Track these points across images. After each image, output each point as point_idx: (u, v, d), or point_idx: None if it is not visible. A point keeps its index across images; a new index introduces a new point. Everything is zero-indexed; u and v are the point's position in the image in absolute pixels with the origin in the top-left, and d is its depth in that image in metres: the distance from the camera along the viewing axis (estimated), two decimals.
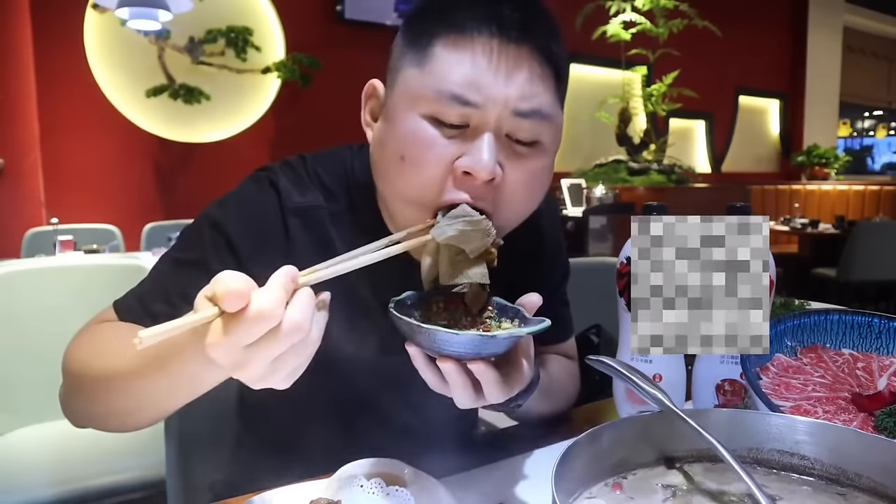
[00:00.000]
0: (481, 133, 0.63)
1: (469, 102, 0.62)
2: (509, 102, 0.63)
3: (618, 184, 5.35)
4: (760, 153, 8.57)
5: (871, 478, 0.54)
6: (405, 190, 0.67)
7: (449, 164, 0.64)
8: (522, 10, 0.64)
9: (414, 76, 0.65)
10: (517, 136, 0.65)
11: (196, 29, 4.27)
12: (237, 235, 0.74)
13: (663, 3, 5.47)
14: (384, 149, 0.69)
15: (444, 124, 0.63)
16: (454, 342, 0.56)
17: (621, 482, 0.56)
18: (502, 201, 0.66)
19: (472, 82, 0.62)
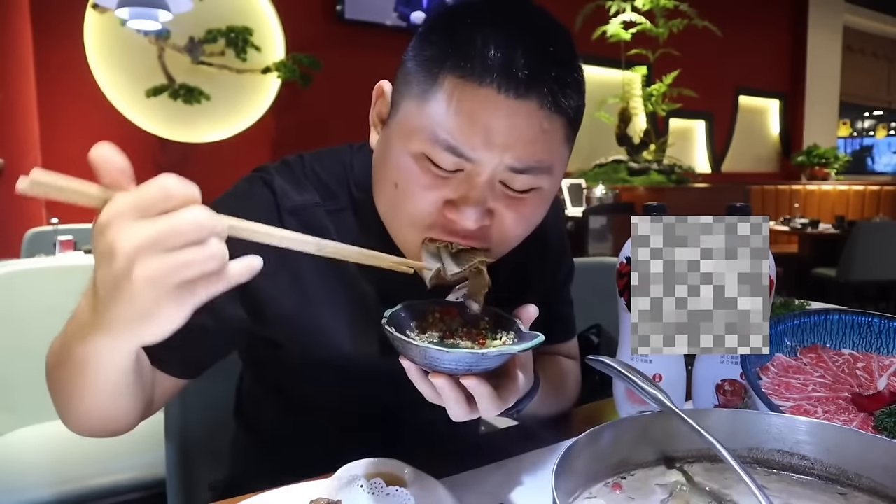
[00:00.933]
0: (472, 184, 0.62)
1: (462, 156, 0.61)
2: (504, 159, 0.61)
3: (618, 184, 5.35)
4: (760, 153, 8.57)
5: (871, 478, 0.54)
6: (397, 216, 0.67)
7: (439, 204, 0.63)
8: (535, 60, 0.60)
9: (413, 111, 0.63)
10: (512, 185, 0.64)
11: (196, 29, 4.27)
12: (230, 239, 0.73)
13: (663, 3, 5.47)
14: (381, 171, 0.68)
15: (437, 165, 0.62)
16: (445, 359, 0.56)
17: (621, 482, 0.56)
18: (494, 238, 0.66)
19: (468, 138, 0.60)
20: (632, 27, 5.48)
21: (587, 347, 1.60)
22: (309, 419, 0.87)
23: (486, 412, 0.59)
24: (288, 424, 0.90)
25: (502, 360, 0.59)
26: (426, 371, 0.58)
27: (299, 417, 0.88)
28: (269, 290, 0.73)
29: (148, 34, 4.01)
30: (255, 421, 0.95)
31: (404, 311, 0.64)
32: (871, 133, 11.67)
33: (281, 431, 0.90)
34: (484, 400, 0.58)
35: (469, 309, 0.67)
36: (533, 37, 0.61)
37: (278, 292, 0.74)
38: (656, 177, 5.48)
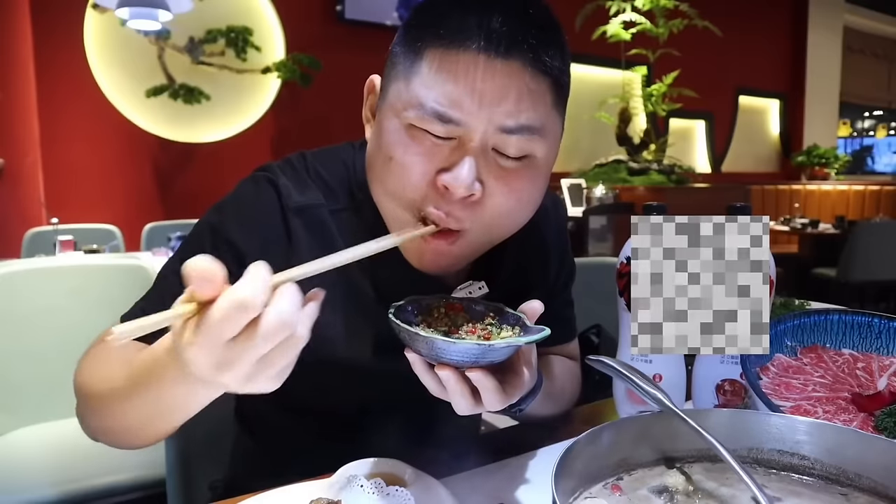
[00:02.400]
0: (465, 148, 0.63)
1: (451, 120, 0.61)
2: (494, 120, 0.61)
3: (618, 184, 5.35)
4: (760, 153, 8.57)
5: (871, 478, 0.54)
6: (393, 190, 0.67)
7: (433, 173, 0.64)
8: (514, 21, 0.61)
9: (401, 88, 0.64)
10: (505, 151, 0.64)
11: (196, 29, 4.27)
12: (238, 239, 0.73)
13: (663, 3, 5.47)
14: (376, 148, 0.69)
15: (430, 133, 0.63)
16: (452, 350, 0.56)
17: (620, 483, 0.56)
18: (485, 217, 0.66)
19: (455, 101, 0.61)
20: (632, 27, 5.48)
21: (587, 347, 1.60)
22: (309, 419, 0.87)
23: (491, 406, 0.59)
24: (288, 424, 0.90)
25: (509, 352, 0.59)
26: (431, 365, 0.58)
27: (299, 417, 0.88)
28: None
29: (148, 34, 4.01)
30: (255, 421, 0.95)
31: (410, 306, 0.64)
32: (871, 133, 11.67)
33: (281, 431, 0.90)
34: (489, 393, 0.58)
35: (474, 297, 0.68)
36: (510, 2, 0.63)
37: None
38: (656, 177, 5.48)
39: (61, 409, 1.71)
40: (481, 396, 0.59)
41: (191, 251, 0.74)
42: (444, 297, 0.67)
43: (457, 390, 0.58)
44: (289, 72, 4.42)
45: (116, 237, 3.49)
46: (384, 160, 0.66)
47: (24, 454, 1.57)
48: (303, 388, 0.83)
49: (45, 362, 1.69)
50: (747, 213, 0.68)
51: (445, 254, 0.68)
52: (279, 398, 0.87)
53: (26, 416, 1.68)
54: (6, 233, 3.76)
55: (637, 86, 5.89)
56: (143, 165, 4.34)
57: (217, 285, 0.44)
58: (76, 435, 0.85)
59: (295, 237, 0.74)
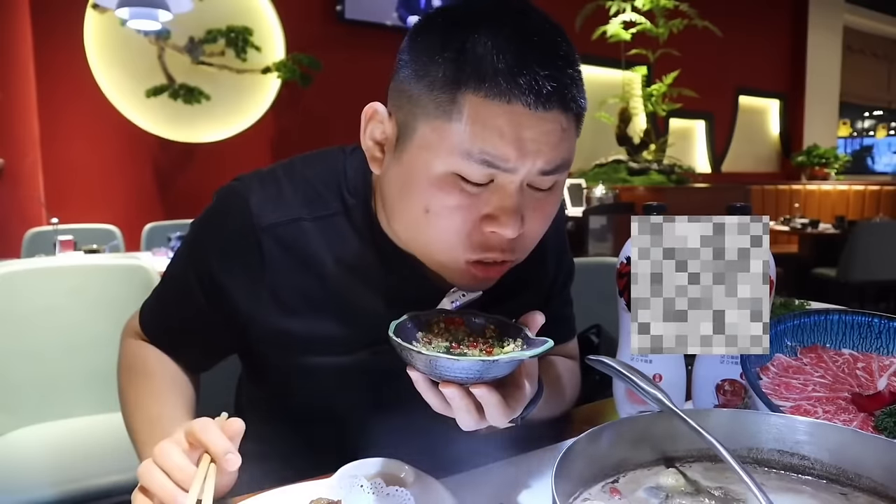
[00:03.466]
0: (506, 193, 0.63)
1: (497, 167, 0.61)
2: (536, 165, 0.62)
3: (618, 184, 5.35)
4: (760, 153, 8.57)
5: (871, 478, 0.54)
6: (432, 241, 0.67)
7: (476, 220, 0.64)
8: (554, 68, 0.61)
9: (433, 132, 0.62)
10: (541, 186, 0.65)
11: (196, 29, 4.27)
12: (212, 266, 0.77)
13: (663, 3, 5.47)
14: (404, 197, 0.67)
15: (466, 181, 0.62)
16: (455, 368, 0.55)
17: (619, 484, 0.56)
18: (525, 243, 0.69)
19: (503, 151, 0.60)
20: (632, 27, 5.48)
21: (587, 347, 1.60)
22: (309, 420, 0.88)
23: (495, 421, 0.59)
24: (287, 425, 0.90)
25: (512, 366, 0.58)
26: (434, 382, 0.58)
27: (298, 418, 0.88)
28: (251, 308, 0.77)
29: (148, 34, 4.01)
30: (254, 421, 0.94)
31: (410, 322, 0.64)
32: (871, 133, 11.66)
33: (280, 431, 0.90)
34: (493, 408, 0.58)
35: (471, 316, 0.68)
36: (543, 43, 0.62)
37: (259, 309, 0.76)
38: (656, 177, 5.48)
39: (61, 409, 1.71)
40: (485, 412, 0.59)
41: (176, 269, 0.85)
42: (444, 311, 0.67)
43: (461, 407, 0.57)
44: (289, 72, 4.42)
45: (116, 237, 3.49)
46: (419, 210, 0.65)
47: (24, 454, 1.57)
48: (301, 393, 0.83)
49: (45, 362, 1.69)
50: (747, 213, 0.68)
51: (492, 279, 0.70)
52: (281, 401, 0.88)
53: (26, 416, 1.68)
54: (6, 233, 3.76)
55: (637, 86, 5.89)
56: (143, 165, 4.34)
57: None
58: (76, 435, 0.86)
59: (269, 257, 0.75)
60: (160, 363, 0.85)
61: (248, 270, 0.75)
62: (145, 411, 0.78)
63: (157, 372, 0.83)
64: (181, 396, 0.82)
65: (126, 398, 0.82)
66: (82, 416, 1.73)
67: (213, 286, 0.77)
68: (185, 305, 0.81)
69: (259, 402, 0.95)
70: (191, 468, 0.60)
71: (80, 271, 1.77)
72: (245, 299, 0.76)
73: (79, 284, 1.74)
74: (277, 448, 0.90)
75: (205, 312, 0.80)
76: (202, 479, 0.59)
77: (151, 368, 0.84)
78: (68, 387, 1.72)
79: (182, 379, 0.85)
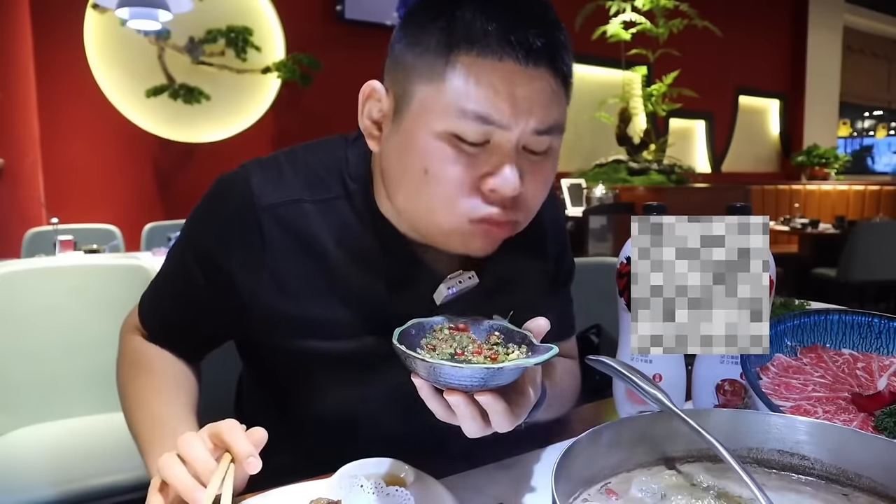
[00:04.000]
0: (503, 152, 0.65)
1: (494, 123, 0.63)
2: (530, 123, 0.64)
3: (618, 184, 5.34)
4: (760, 153, 8.56)
5: (871, 478, 0.54)
6: (432, 203, 0.67)
7: (475, 181, 0.65)
8: (543, 28, 0.64)
9: (430, 94, 0.65)
10: (535, 149, 0.67)
11: (196, 29, 4.27)
12: (212, 247, 0.77)
13: (663, 3, 5.46)
14: (403, 160, 0.68)
15: (464, 141, 0.64)
16: (460, 375, 0.55)
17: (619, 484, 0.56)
18: (523, 206, 0.69)
19: (497, 107, 0.63)
20: (632, 27, 5.48)
21: (587, 347, 1.60)
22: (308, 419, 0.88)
23: (500, 427, 0.59)
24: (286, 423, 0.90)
25: (517, 373, 0.58)
26: (438, 390, 0.58)
27: (298, 415, 0.89)
28: (251, 289, 0.76)
29: (148, 34, 4.01)
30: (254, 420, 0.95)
31: (414, 329, 0.64)
32: (871, 133, 11.66)
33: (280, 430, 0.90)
34: (498, 416, 0.58)
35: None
36: (531, 7, 0.65)
37: (259, 290, 0.76)
38: (656, 177, 5.48)
39: (61, 409, 1.71)
40: (490, 419, 0.59)
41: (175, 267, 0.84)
42: (449, 318, 0.67)
43: (467, 414, 0.57)
44: (289, 72, 4.42)
45: (116, 237, 3.49)
46: (418, 173, 0.66)
47: (24, 454, 1.57)
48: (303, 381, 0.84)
49: (45, 362, 1.69)
50: (747, 213, 0.68)
51: (497, 239, 0.71)
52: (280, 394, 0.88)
53: (26, 416, 1.68)
54: (6, 233, 3.76)
55: (637, 86, 5.89)
56: (143, 165, 4.34)
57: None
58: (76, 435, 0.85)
59: (269, 237, 0.75)
60: (163, 360, 0.85)
61: (247, 250, 0.75)
62: (148, 409, 0.78)
63: (159, 369, 0.83)
64: (184, 394, 0.81)
65: (127, 395, 0.82)
66: (82, 416, 1.73)
67: (213, 267, 0.77)
68: (184, 291, 0.81)
69: (258, 401, 0.95)
70: (212, 463, 0.60)
71: (80, 271, 1.77)
72: (245, 280, 0.76)
73: (79, 284, 1.74)
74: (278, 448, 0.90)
75: (204, 296, 0.79)
76: (221, 477, 0.59)
77: (154, 365, 0.83)
78: (68, 387, 1.72)
79: (185, 376, 0.84)
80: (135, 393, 0.81)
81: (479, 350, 0.62)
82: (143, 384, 0.81)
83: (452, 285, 0.74)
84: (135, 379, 0.83)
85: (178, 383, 0.82)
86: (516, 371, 0.57)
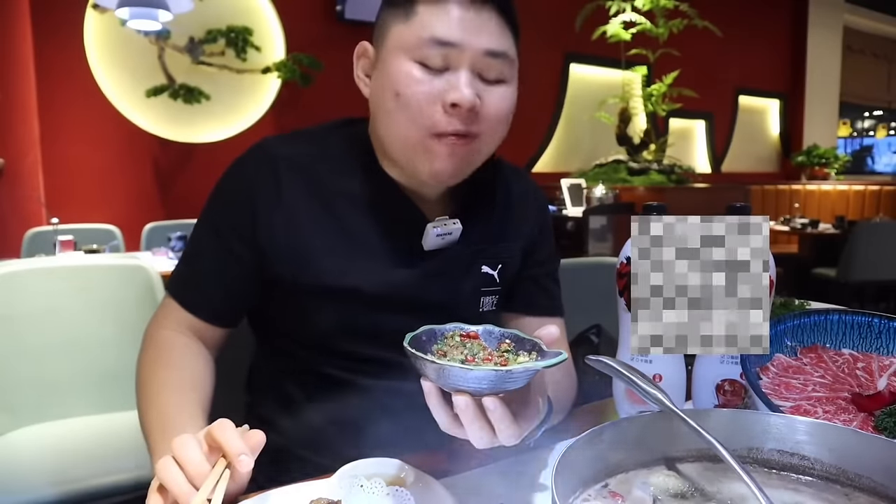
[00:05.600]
0: (460, 71, 0.77)
1: (449, 43, 0.76)
2: (481, 44, 0.77)
3: (618, 184, 5.35)
4: (760, 153, 8.57)
5: (871, 478, 0.54)
6: (401, 121, 0.78)
7: (438, 98, 0.76)
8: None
9: (401, 30, 0.78)
10: (486, 75, 0.79)
11: (196, 29, 4.27)
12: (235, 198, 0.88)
13: (663, 3, 5.47)
14: (381, 91, 0.81)
15: (429, 67, 0.77)
16: (469, 377, 0.55)
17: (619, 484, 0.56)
18: (485, 124, 0.80)
19: (451, 29, 0.76)
20: (632, 27, 5.48)
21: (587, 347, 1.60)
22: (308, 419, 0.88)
23: (505, 437, 0.59)
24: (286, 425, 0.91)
25: (527, 377, 0.58)
26: (446, 399, 0.58)
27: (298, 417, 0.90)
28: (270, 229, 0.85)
29: (148, 34, 4.01)
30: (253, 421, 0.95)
31: (424, 335, 0.64)
32: (871, 133, 11.66)
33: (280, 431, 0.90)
34: (503, 423, 0.58)
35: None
36: None
37: (277, 230, 0.85)
38: (656, 177, 5.48)
39: (61, 409, 1.71)
40: (495, 427, 0.58)
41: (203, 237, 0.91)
42: (460, 326, 0.67)
43: (474, 421, 0.57)
44: (289, 72, 4.42)
45: (116, 237, 3.49)
46: (392, 97, 0.78)
47: (24, 454, 1.57)
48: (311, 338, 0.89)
49: (45, 362, 1.69)
50: (747, 213, 0.68)
51: (458, 154, 0.79)
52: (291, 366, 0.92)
53: (26, 416, 1.68)
54: (6, 233, 3.76)
55: (637, 86, 5.89)
56: (143, 165, 4.34)
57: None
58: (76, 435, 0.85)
59: (284, 182, 0.86)
60: (183, 357, 0.86)
61: (266, 193, 0.86)
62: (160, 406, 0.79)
63: (178, 366, 0.84)
64: (198, 393, 0.82)
65: (144, 390, 0.83)
66: (82, 416, 1.73)
67: (240, 216, 0.86)
68: (210, 249, 0.88)
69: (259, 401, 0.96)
70: (205, 466, 0.60)
71: (81, 271, 1.77)
72: (264, 221, 0.85)
73: (79, 284, 1.74)
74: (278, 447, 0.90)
75: (229, 250, 0.86)
76: (215, 480, 0.59)
77: (174, 361, 0.85)
78: (68, 387, 1.72)
79: (201, 376, 0.85)
80: (151, 388, 0.82)
81: (489, 357, 0.62)
82: (161, 379, 0.82)
83: (438, 225, 0.86)
84: (154, 374, 0.83)
85: (193, 382, 0.83)
86: (525, 375, 0.57)
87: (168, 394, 0.80)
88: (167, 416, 0.77)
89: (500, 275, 0.94)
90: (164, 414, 0.77)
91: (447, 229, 0.87)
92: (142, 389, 0.83)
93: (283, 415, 0.93)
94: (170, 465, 0.60)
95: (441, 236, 0.86)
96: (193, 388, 0.82)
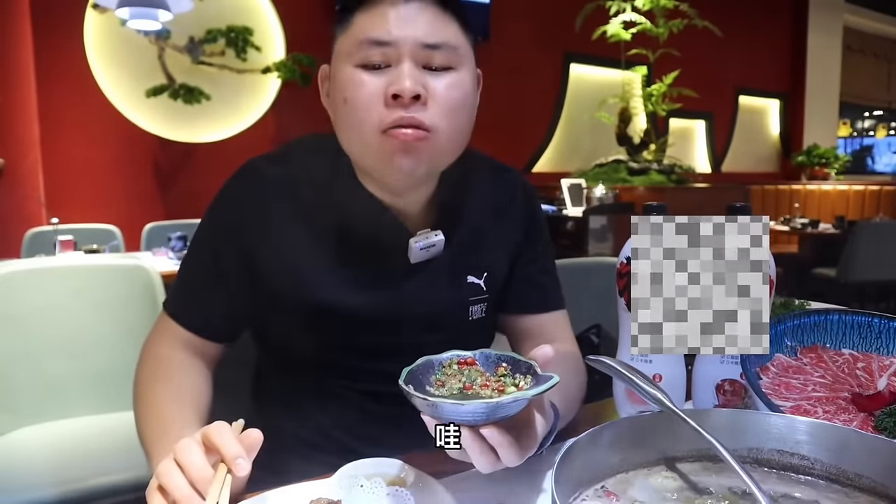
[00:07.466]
0: (398, 65, 0.77)
1: (384, 42, 0.77)
2: (417, 38, 0.77)
3: (618, 184, 5.35)
4: (760, 153, 8.57)
5: (871, 478, 0.54)
6: (353, 124, 0.79)
7: (381, 95, 0.77)
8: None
9: (342, 40, 0.81)
10: (432, 64, 0.78)
11: (196, 29, 4.27)
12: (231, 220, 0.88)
13: (663, 3, 5.47)
14: (334, 102, 0.82)
15: (371, 67, 0.78)
16: (462, 412, 0.56)
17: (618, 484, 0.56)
18: (437, 114, 0.78)
19: (383, 28, 0.77)
20: (632, 27, 5.48)
21: (587, 347, 1.60)
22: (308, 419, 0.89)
23: (509, 461, 0.59)
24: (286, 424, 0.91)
25: (519, 405, 0.58)
26: None
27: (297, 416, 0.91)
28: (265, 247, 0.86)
29: (148, 34, 4.01)
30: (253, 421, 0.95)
31: (423, 367, 0.64)
32: (871, 133, 11.67)
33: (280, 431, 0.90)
34: (504, 449, 0.58)
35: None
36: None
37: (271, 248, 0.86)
38: (656, 177, 5.48)
39: (61, 409, 1.71)
40: (498, 453, 0.59)
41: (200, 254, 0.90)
42: (457, 354, 0.67)
43: (475, 449, 0.58)
44: (289, 72, 4.42)
45: (116, 237, 3.49)
46: (342, 104, 0.79)
47: (24, 454, 1.57)
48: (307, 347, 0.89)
49: (45, 362, 1.69)
50: (747, 213, 0.68)
51: (416, 148, 0.77)
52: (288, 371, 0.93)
53: (26, 416, 1.68)
54: (6, 233, 3.76)
55: (637, 86, 5.89)
56: (143, 165, 4.34)
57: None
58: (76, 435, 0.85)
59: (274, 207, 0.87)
60: (182, 371, 0.86)
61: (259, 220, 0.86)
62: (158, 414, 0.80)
63: (177, 380, 0.85)
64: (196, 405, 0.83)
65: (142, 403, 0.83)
66: (82, 416, 1.73)
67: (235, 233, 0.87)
68: (205, 269, 0.88)
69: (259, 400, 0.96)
70: (208, 470, 0.60)
71: (81, 271, 1.77)
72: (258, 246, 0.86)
73: (79, 284, 1.74)
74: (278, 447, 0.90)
75: (225, 271, 0.87)
76: (219, 486, 0.59)
77: (172, 376, 0.85)
78: (68, 387, 1.72)
79: (199, 390, 0.86)
80: (149, 400, 0.82)
81: (486, 384, 0.63)
82: (159, 392, 0.82)
83: (420, 240, 0.86)
84: (151, 387, 0.84)
85: (191, 394, 0.84)
86: (517, 403, 0.57)
87: (166, 403, 0.80)
88: (166, 423, 0.77)
89: (487, 283, 0.93)
90: (162, 422, 0.77)
91: (430, 241, 0.87)
92: (139, 402, 0.83)
93: (284, 421, 0.93)
94: (171, 468, 0.60)
95: (425, 249, 0.86)
96: (192, 399, 0.83)
